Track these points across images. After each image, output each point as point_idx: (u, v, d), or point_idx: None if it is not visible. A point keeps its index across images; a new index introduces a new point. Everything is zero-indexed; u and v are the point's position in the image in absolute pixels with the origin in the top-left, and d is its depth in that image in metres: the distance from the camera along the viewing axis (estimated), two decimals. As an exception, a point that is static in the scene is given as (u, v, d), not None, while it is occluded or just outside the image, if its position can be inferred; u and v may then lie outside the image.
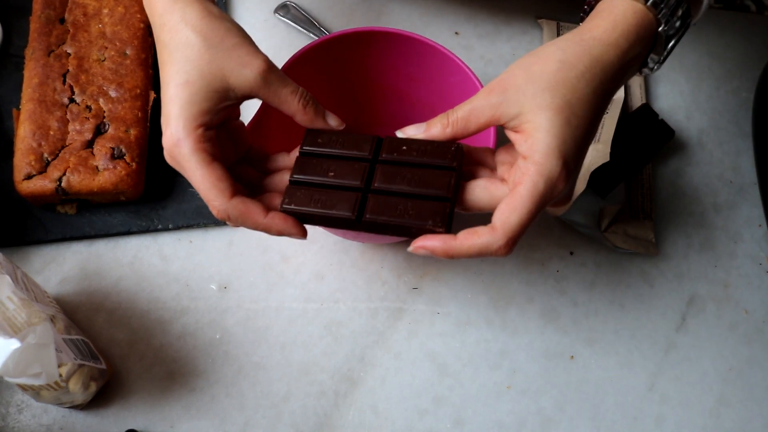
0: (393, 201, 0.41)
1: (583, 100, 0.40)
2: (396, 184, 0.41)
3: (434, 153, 0.42)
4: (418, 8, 0.69)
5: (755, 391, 0.58)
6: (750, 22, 0.72)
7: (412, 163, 0.42)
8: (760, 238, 0.63)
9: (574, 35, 0.42)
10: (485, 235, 0.39)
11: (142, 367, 0.54)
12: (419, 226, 0.40)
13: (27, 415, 0.52)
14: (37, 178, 0.54)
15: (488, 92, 0.41)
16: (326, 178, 0.42)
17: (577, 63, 0.40)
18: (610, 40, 0.41)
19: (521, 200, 0.38)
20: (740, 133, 0.67)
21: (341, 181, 0.42)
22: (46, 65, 0.57)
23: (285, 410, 0.54)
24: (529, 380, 0.56)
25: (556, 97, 0.39)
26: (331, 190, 0.42)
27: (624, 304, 0.59)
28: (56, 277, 0.56)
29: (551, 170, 0.39)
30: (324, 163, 0.43)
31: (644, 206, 0.62)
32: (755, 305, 0.60)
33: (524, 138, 0.40)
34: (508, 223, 0.38)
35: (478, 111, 0.41)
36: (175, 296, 0.56)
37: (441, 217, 0.40)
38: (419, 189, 0.41)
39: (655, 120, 0.63)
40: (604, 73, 0.40)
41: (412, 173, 0.42)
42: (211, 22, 0.41)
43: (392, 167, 0.42)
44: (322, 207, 0.41)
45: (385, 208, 0.41)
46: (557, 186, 0.39)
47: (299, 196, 0.42)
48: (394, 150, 0.42)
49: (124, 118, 0.56)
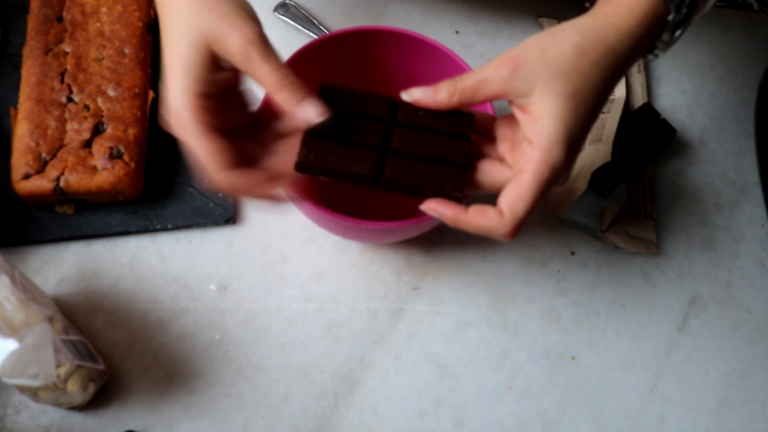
0: (411, 162, 0.42)
1: (593, 88, 0.40)
2: (414, 148, 0.42)
3: (450, 121, 0.43)
4: (418, 7, 0.68)
5: (758, 392, 0.57)
6: (753, 20, 0.72)
7: (429, 128, 0.42)
8: (762, 238, 0.63)
9: (591, 19, 0.42)
10: (494, 218, 0.40)
11: (141, 368, 0.53)
12: (437, 189, 0.41)
13: (25, 416, 0.51)
14: (35, 178, 0.54)
15: (500, 65, 0.41)
16: (344, 133, 0.42)
17: (592, 50, 0.40)
18: (626, 29, 0.41)
19: (527, 188, 0.39)
20: (743, 133, 0.67)
21: (359, 138, 0.42)
22: (44, 64, 0.57)
23: (285, 411, 0.53)
24: (530, 381, 0.56)
25: (567, 84, 0.40)
26: (350, 146, 0.42)
27: (625, 305, 0.59)
28: (54, 277, 0.56)
29: (556, 158, 0.39)
30: (342, 121, 0.42)
31: (646, 206, 0.62)
32: (758, 306, 0.60)
33: (531, 121, 0.40)
34: (515, 211, 0.40)
35: (488, 83, 0.41)
36: (174, 297, 0.56)
37: (458, 183, 0.41)
38: (437, 154, 0.42)
39: (656, 119, 0.63)
40: (617, 62, 0.41)
41: (430, 138, 0.42)
42: None
43: (410, 131, 0.43)
44: (341, 163, 0.41)
45: (403, 168, 0.42)
46: (561, 173, 0.40)
47: (316, 148, 0.41)
48: (411, 114, 0.43)
49: (122, 117, 0.56)
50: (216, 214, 0.58)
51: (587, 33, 0.41)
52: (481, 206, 0.41)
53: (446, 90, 0.42)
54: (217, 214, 0.58)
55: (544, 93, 0.40)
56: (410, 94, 0.43)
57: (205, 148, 0.39)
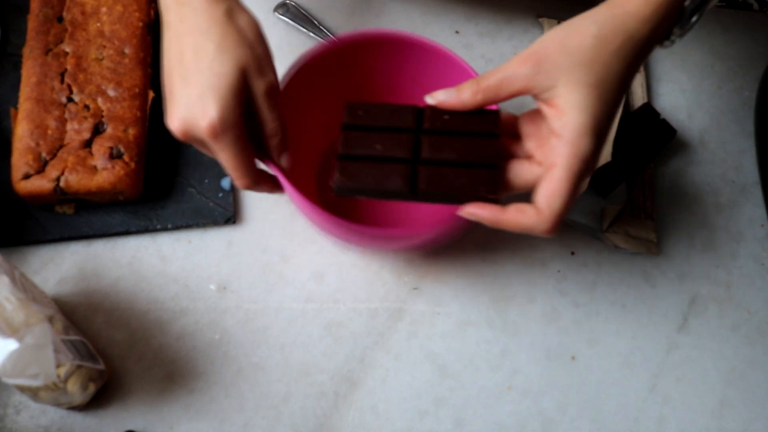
0: (443, 171, 0.42)
1: (616, 77, 0.40)
2: (444, 154, 0.42)
3: (476, 121, 0.43)
4: (418, 7, 0.68)
5: (758, 392, 0.57)
6: (752, 20, 0.72)
7: (456, 131, 0.43)
8: (762, 238, 0.63)
9: (608, 8, 0.42)
10: (533, 216, 0.41)
11: (141, 368, 0.53)
12: (472, 193, 0.42)
13: (25, 416, 0.51)
14: (35, 178, 0.54)
15: (522, 62, 0.41)
16: (374, 151, 0.43)
17: (612, 39, 0.40)
18: (644, 15, 0.41)
19: (561, 183, 0.40)
20: (742, 133, 0.67)
21: (390, 153, 0.43)
22: (44, 64, 0.57)
23: (284, 411, 0.53)
24: (530, 381, 0.56)
25: (590, 74, 0.40)
26: (381, 163, 0.43)
27: (625, 305, 0.59)
28: (54, 277, 0.55)
29: (586, 149, 0.40)
30: (369, 136, 0.43)
31: (646, 206, 0.62)
32: (758, 306, 0.60)
33: (557, 114, 0.40)
34: (553, 208, 0.40)
35: (511, 80, 0.41)
36: (174, 297, 0.56)
37: (492, 184, 0.42)
38: (467, 156, 0.42)
39: (656, 119, 0.63)
40: (637, 48, 0.41)
41: (458, 142, 0.43)
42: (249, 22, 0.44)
43: (437, 137, 0.43)
44: (375, 182, 0.42)
45: (436, 178, 0.42)
46: (591, 164, 0.40)
47: (349, 171, 0.42)
48: (437, 120, 0.43)
49: (122, 117, 0.56)
50: (216, 214, 0.58)
51: (605, 23, 0.41)
52: (520, 205, 0.41)
53: (469, 89, 0.42)
54: (217, 214, 0.58)
55: (568, 85, 0.40)
56: (434, 96, 0.44)
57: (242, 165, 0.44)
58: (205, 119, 0.42)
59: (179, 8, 0.43)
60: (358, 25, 0.67)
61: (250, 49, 0.43)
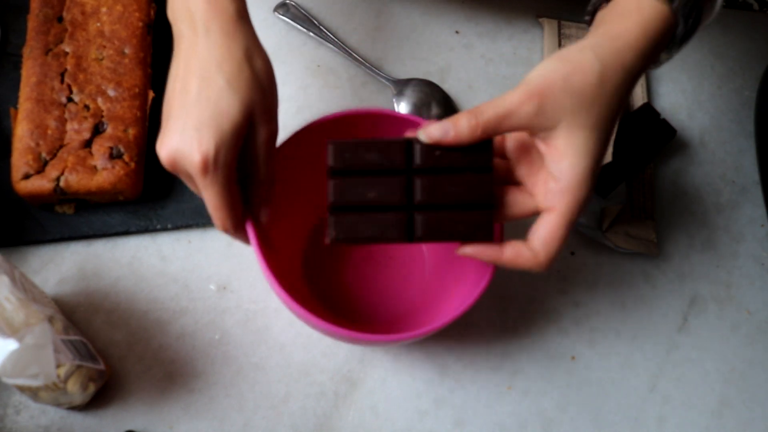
0: (439, 216, 0.42)
1: (613, 115, 0.40)
2: (438, 197, 0.42)
3: (468, 155, 0.41)
4: (418, 7, 0.68)
5: (758, 392, 0.57)
6: (753, 20, 0.72)
7: (449, 167, 0.41)
8: (762, 238, 0.63)
9: (606, 39, 0.41)
10: (530, 260, 0.41)
11: (141, 368, 0.53)
12: (469, 237, 0.42)
13: (25, 416, 0.51)
14: (35, 178, 0.54)
15: (525, 100, 0.39)
16: (367, 199, 0.41)
17: (613, 76, 0.40)
18: (641, 48, 0.41)
19: (558, 228, 0.40)
20: (743, 133, 0.67)
21: (383, 200, 0.42)
22: (44, 64, 0.57)
23: (284, 411, 0.53)
24: (530, 381, 0.56)
25: (592, 116, 0.39)
26: (375, 212, 0.42)
27: (625, 305, 0.59)
28: (54, 277, 0.55)
29: (584, 196, 0.40)
30: (360, 183, 0.41)
31: (646, 206, 0.62)
32: (758, 306, 0.60)
33: (557, 156, 0.40)
34: (549, 250, 0.41)
35: (512, 117, 0.40)
36: (174, 297, 0.56)
37: (489, 228, 0.42)
38: (462, 197, 0.42)
39: (656, 119, 0.63)
40: (633, 79, 0.41)
41: (451, 181, 0.42)
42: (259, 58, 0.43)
43: (430, 177, 0.42)
44: (372, 233, 0.42)
45: (432, 224, 0.42)
46: (586, 204, 0.41)
47: (344, 224, 0.42)
48: (428, 157, 0.41)
49: (122, 117, 0.56)
50: (216, 214, 0.58)
51: (607, 58, 0.40)
52: (517, 246, 0.41)
53: (467, 125, 0.40)
54: (217, 214, 0.58)
55: (571, 127, 0.39)
56: (428, 133, 0.41)
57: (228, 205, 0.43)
58: (198, 153, 0.40)
59: (194, 37, 0.42)
60: (357, 26, 0.67)
61: (262, 94, 0.42)
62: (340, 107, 0.63)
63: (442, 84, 0.65)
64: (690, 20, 0.42)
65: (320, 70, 0.65)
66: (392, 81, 0.64)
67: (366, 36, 0.67)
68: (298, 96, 0.64)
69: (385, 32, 0.67)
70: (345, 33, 0.66)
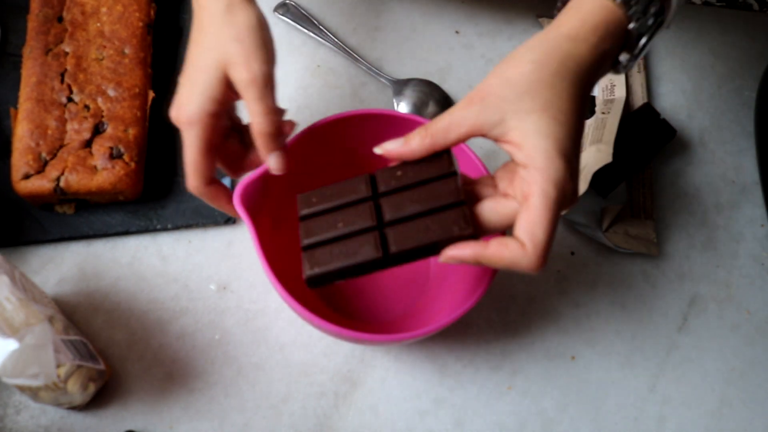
0: (411, 225, 0.41)
1: (564, 97, 0.40)
2: (407, 209, 0.41)
3: (429, 167, 0.42)
4: (418, 7, 0.68)
5: (758, 391, 0.57)
6: (752, 20, 0.72)
7: (412, 184, 0.42)
8: (762, 237, 0.63)
9: (542, 34, 0.41)
10: (516, 250, 0.39)
11: (141, 368, 0.53)
12: (447, 237, 0.40)
13: (25, 416, 0.51)
14: (35, 178, 0.54)
15: (467, 103, 0.41)
16: (337, 230, 0.42)
17: (549, 61, 0.40)
18: (578, 36, 0.40)
19: (539, 211, 0.38)
20: (742, 133, 0.67)
21: (353, 227, 0.42)
22: (44, 64, 0.57)
23: (284, 411, 0.53)
24: (529, 381, 0.56)
25: (536, 99, 0.39)
26: (347, 239, 0.42)
27: (625, 305, 0.59)
28: (54, 277, 0.56)
29: (557, 173, 0.38)
30: (328, 218, 0.42)
31: (646, 206, 0.62)
32: (757, 306, 0.60)
33: (517, 146, 0.39)
34: (535, 238, 0.38)
35: (458, 121, 0.40)
36: (174, 296, 0.56)
37: (464, 220, 0.40)
38: (430, 204, 0.41)
39: (656, 119, 0.63)
40: (578, 66, 0.40)
41: (417, 193, 0.41)
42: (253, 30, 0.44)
43: (396, 196, 0.42)
44: (345, 259, 0.41)
45: (406, 234, 0.41)
46: (566, 187, 0.39)
47: (318, 257, 0.41)
48: (391, 179, 0.42)
49: (122, 117, 0.56)
50: (216, 214, 0.58)
51: (539, 46, 0.41)
52: (502, 239, 0.39)
53: (417, 136, 0.41)
54: (216, 214, 0.58)
55: (518, 115, 0.39)
56: (383, 147, 0.43)
57: (195, 160, 0.44)
58: (181, 111, 0.44)
59: (198, 8, 0.45)
60: (357, 26, 0.67)
61: (238, 44, 0.43)
62: (339, 107, 0.63)
63: (442, 84, 0.65)
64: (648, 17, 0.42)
65: (320, 70, 0.65)
66: (392, 81, 0.64)
67: (366, 36, 0.67)
68: (298, 96, 0.64)
69: (385, 32, 0.67)
70: (345, 33, 0.66)
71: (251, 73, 0.43)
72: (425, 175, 0.42)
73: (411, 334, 0.46)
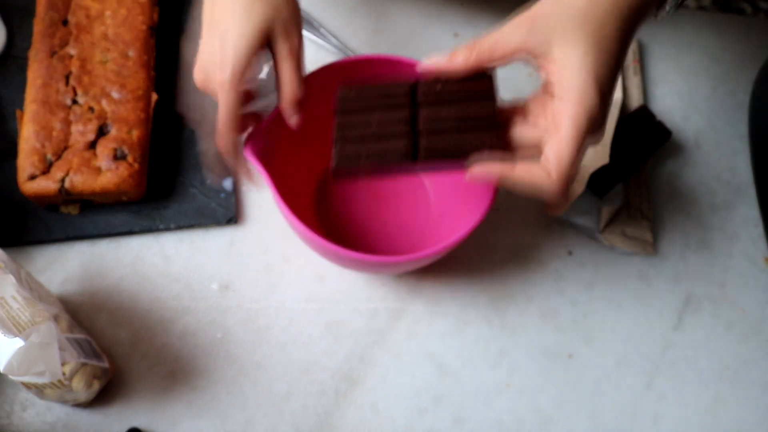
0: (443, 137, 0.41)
1: (611, 36, 0.40)
2: (442, 123, 0.42)
3: (470, 86, 0.42)
4: (418, 10, 0.69)
5: (751, 389, 0.58)
6: (746, 24, 0.73)
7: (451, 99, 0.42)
8: (756, 238, 0.63)
9: None
10: (541, 174, 0.40)
11: (144, 366, 0.54)
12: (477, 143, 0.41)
13: (31, 412, 0.52)
14: (40, 179, 0.55)
15: (516, 25, 0.41)
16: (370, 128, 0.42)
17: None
18: None
19: (568, 140, 0.40)
20: (737, 134, 0.67)
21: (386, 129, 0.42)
22: (49, 67, 0.57)
23: (286, 409, 0.54)
24: (527, 379, 0.57)
25: (585, 32, 0.40)
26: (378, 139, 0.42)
27: (622, 304, 0.60)
28: (59, 276, 0.56)
29: (590, 104, 0.39)
30: (364, 117, 0.43)
31: (642, 206, 0.63)
32: (751, 305, 0.61)
33: (556, 71, 0.40)
34: (561, 165, 0.40)
35: (506, 40, 0.41)
36: (177, 296, 0.57)
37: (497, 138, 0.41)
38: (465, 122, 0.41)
39: (652, 121, 0.64)
40: (629, 8, 0.41)
41: (454, 109, 0.42)
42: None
43: (433, 108, 0.42)
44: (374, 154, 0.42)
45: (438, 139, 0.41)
46: (597, 120, 0.40)
47: (348, 152, 0.42)
48: (430, 91, 0.43)
49: (126, 119, 0.57)
50: (218, 214, 0.59)
51: None
52: (529, 163, 0.41)
53: (463, 52, 0.42)
54: (219, 215, 0.58)
55: (565, 41, 0.40)
56: (428, 62, 0.43)
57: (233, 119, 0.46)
58: (218, 73, 0.44)
59: None
60: (357, 28, 0.67)
61: (277, 11, 0.44)
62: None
63: (441, 86, 0.66)
64: None
65: (321, 73, 0.65)
66: (392, 83, 0.65)
67: (366, 38, 0.67)
68: (299, 98, 0.64)
69: (385, 35, 0.68)
70: (345, 35, 0.67)
71: (293, 45, 0.45)
72: (465, 93, 0.42)
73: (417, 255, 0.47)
